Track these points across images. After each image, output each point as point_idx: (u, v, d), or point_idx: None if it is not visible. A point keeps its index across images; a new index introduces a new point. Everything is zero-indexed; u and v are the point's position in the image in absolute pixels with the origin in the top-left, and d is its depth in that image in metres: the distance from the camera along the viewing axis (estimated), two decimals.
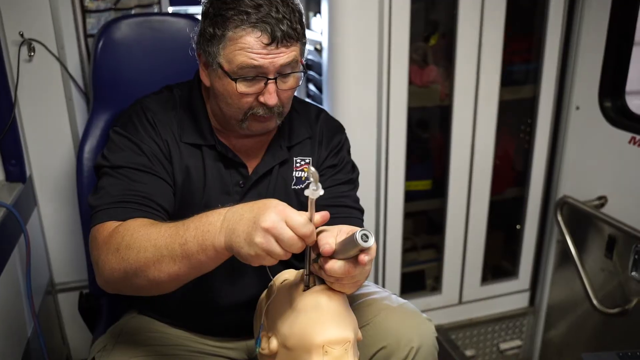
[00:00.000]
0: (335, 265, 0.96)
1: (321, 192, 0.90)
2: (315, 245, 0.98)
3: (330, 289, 1.01)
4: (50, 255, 2.05)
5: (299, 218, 0.92)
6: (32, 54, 1.81)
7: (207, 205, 1.30)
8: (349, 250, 0.93)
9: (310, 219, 0.93)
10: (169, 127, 1.30)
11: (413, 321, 1.31)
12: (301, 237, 0.92)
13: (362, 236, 0.88)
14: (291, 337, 1.00)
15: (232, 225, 0.95)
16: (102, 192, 1.20)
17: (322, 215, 0.96)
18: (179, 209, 1.30)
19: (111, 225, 1.13)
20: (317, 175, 0.90)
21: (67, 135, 1.95)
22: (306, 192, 0.91)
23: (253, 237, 0.91)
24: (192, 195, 1.31)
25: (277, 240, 0.91)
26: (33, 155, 1.92)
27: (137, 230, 1.06)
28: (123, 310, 1.48)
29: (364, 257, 0.92)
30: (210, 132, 1.32)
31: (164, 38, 1.73)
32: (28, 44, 1.80)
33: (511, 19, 2.12)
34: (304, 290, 1.02)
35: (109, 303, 1.65)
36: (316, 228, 0.95)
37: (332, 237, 0.98)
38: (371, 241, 0.89)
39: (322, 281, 1.03)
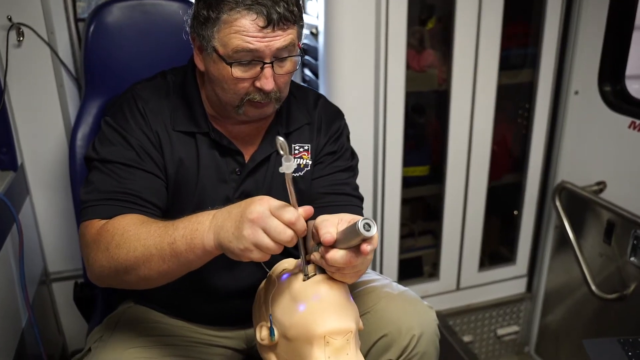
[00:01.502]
0: (336, 255, 0.94)
1: (294, 165, 0.90)
2: (316, 234, 0.96)
3: (331, 278, 0.99)
4: (43, 244, 2.02)
5: (282, 206, 0.92)
6: (21, 38, 1.77)
7: (202, 195, 1.29)
8: (351, 240, 0.90)
9: (292, 200, 0.92)
10: (160, 117, 1.27)
11: (414, 309, 1.29)
12: (288, 225, 0.91)
13: (364, 225, 0.86)
14: (291, 327, 0.99)
15: (221, 223, 0.96)
16: (91, 187, 1.19)
17: (305, 210, 0.95)
18: (173, 200, 1.28)
19: (99, 222, 1.13)
20: (286, 145, 0.88)
21: (59, 122, 1.91)
22: (281, 169, 0.90)
23: (241, 230, 0.91)
24: (186, 185, 1.29)
25: (265, 231, 0.91)
26: (24, 143, 1.88)
27: (126, 229, 1.07)
28: (119, 300, 1.46)
29: (366, 247, 0.90)
30: (205, 119, 1.29)
31: (157, 21, 1.69)
32: (17, 28, 1.75)
33: (509, 2, 2.08)
34: (304, 280, 1.00)
35: (104, 293, 1.63)
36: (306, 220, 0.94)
37: (333, 226, 0.96)
38: (373, 230, 0.87)
39: (322, 270, 1.01)
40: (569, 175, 2.28)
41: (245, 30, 1.11)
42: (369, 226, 0.87)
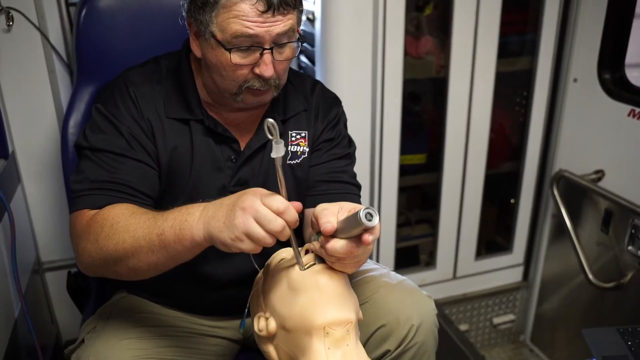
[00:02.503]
0: (337, 245, 0.92)
1: (283, 148, 0.88)
2: (315, 223, 0.94)
3: (331, 268, 0.97)
4: (36, 233, 1.99)
5: (272, 194, 0.91)
6: (11, 23, 1.72)
7: (196, 183, 1.27)
8: (352, 229, 0.88)
9: (282, 188, 0.92)
10: (152, 103, 1.24)
11: (413, 298, 1.28)
12: (277, 213, 0.89)
13: (366, 214, 0.84)
14: (290, 318, 0.97)
15: (212, 213, 0.95)
16: (81, 177, 1.17)
17: (294, 206, 0.93)
18: (166, 188, 1.26)
19: (89, 213, 1.12)
20: (276, 128, 0.86)
21: (51, 110, 1.87)
22: (272, 155, 0.88)
23: (232, 219, 0.90)
24: (180, 174, 1.26)
25: (256, 219, 0.89)
26: (15, 131, 1.85)
27: (116, 220, 1.05)
28: (112, 290, 1.44)
29: (368, 237, 0.88)
30: (199, 105, 1.26)
31: (150, 5, 1.65)
32: (6, 12, 1.71)
33: None
34: (302, 270, 0.98)
35: (98, 282, 1.60)
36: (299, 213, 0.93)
37: (333, 215, 0.94)
38: (375, 220, 0.85)
39: (321, 260, 0.99)
40: (567, 164, 2.26)
41: (245, 14, 1.08)
42: (371, 216, 0.85)
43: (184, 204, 1.24)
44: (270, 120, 0.86)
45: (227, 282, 1.33)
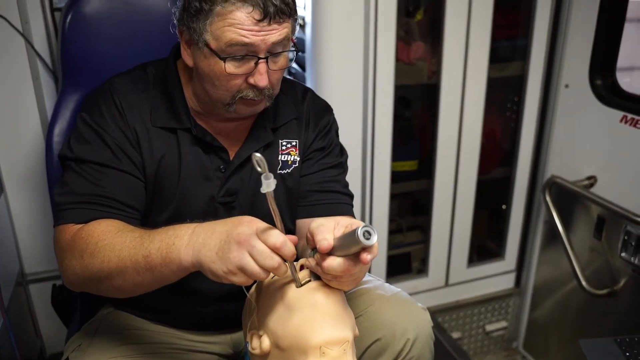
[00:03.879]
0: (334, 263, 0.89)
1: (274, 181, 0.84)
2: (311, 240, 0.91)
3: (327, 285, 0.94)
4: (19, 244, 1.94)
5: (268, 228, 0.88)
6: None
7: (184, 193, 1.23)
8: (349, 248, 0.85)
9: (278, 222, 0.88)
10: (139, 112, 1.20)
11: (408, 311, 1.25)
12: (273, 249, 0.86)
13: (364, 233, 0.81)
14: (285, 337, 0.93)
15: (203, 240, 0.91)
16: (65, 189, 1.14)
17: (290, 239, 0.90)
18: (153, 199, 1.22)
19: (74, 227, 1.09)
20: (264, 162, 0.83)
21: (35, 117, 1.83)
22: (262, 190, 0.84)
23: (227, 252, 0.87)
24: (167, 184, 1.22)
25: (251, 255, 0.86)
26: None
27: (101, 238, 1.02)
28: (98, 304, 1.39)
29: (366, 256, 0.86)
30: (187, 114, 1.22)
31: (138, 11, 1.61)
32: None
33: None
34: (297, 287, 0.95)
35: (83, 296, 1.55)
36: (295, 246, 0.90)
37: (330, 231, 0.91)
38: (374, 239, 0.82)
39: (316, 276, 0.96)
40: (559, 170, 2.25)
41: (240, 23, 1.05)
42: (369, 234, 0.82)
43: (171, 215, 1.22)
44: (258, 154, 0.83)
45: (218, 296, 1.30)
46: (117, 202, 1.12)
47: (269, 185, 0.84)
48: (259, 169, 0.83)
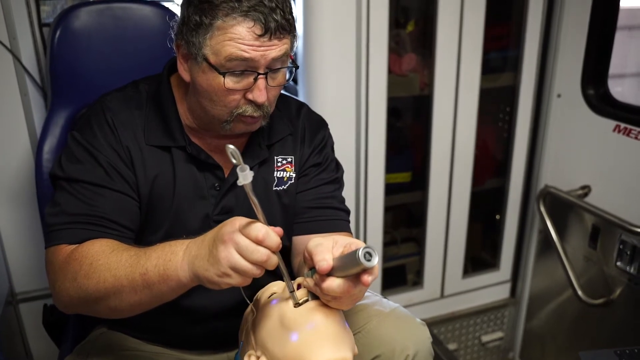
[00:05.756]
0: (333, 284, 0.87)
1: (250, 173, 0.85)
2: (309, 260, 0.89)
3: (325, 304, 0.93)
4: (9, 263, 1.90)
5: (249, 223, 0.88)
6: None
7: (179, 212, 1.21)
8: (350, 268, 0.84)
9: (259, 214, 0.87)
10: (131, 130, 1.18)
11: (407, 327, 1.23)
12: (256, 242, 0.86)
13: (365, 254, 0.79)
14: (283, 358, 0.91)
15: (195, 252, 0.91)
16: (57, 209, 1.12)
17: (275, 231, 0.89)
18: (147, 218, 1.20)
19: (67, 248, 1.07)
20: (238, 153, 0.83)
21: (24, 134, 1.79)
22: (238, 182, 0.85)
23: (216, 254, 0.87)
24: (162, 203, 1.20)
25: (238, 251, 0.86)
26: None
27: (95, 258, 1.01)
28: (91, 324, 1.37)
29: (367, 278, 0.84)
30: (181, 131, 1.21)
31: (127, 26, 1.59)
32: None
33: (490, 4, 2.04)
34: (295, 306, 0.93)
35: (76, 316, 1.52)
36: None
37: (328, 251, 0.89)
38: (375, 260, 0.80)
39: (314, 295, 0.94)
40: (552, 180, 2.25)
41: (241, 38, 1.04)
42: (370, 255, 0.80)
43: (165, 234, 1.20)
44: (232, 146, 0.83)
45: (214, 314, 1.27)
46: (110, 222, 1.10)
47: (245, 177, 0.84)
48: (233, 161, 0.84)
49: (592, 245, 2.07)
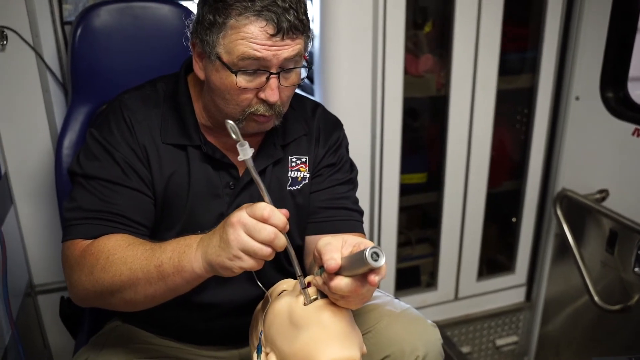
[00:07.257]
0: (341, 283, 0.88)
1: (251, 150, 0.89)
2: (318, 259, 0.90)
3: (334, 303, 0.93)
4: (28, 255, 1.94)
5: (255, 203, 0.90)
6: (5, 42, 1.69)
7: (193, 210, 1.23)
8: (357, 268, 0.85)
9: (263, 193, 0.91)
10: (148, 129, 1.20)
11: (418, 328, 1.24)
12: (264, 221, 0.88)
13: (372, 254, 0.80)
14: (292, 355, 0.93)
15: (207, 242, 0.94)
16: (74, 205, 1.14)
17: (281, 212, 0.92)
18: (162, 216, 1.22)
19: (83, 243, 1.09)
20: (236, 128, 0.88)
21: (45, 130, 1.83)
22: (239, 158, 0.89)
23: (225, 238, 0.89)
24: (177, 201, 1.22)
25: (246, 232, 0.88)
26: (8, 151, 1.80)
27: (112, 252, 1.03)
28: (106, 317, 1.39)
29: (374, 278, 0.85)
30: (197, 130, 1.22)
31: (146, 25, 1.62)
32: (0, 31, 1.68)
33: (508, 4, 2.03)
34: (305, 304, 0.94)
35: (91, 309, 1.55)
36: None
37: (337, 250, 0.90)
38: (382, 260, 0.81)
39: (323, 294, 0.95)
40: (569, 183, 2.23)
41: (253, 37, 1.05)
42: (377, 255, 0.81)
43: (180, 232, 1.22)
44: (231, 122, 0.88)
45: (225, 310, 1.29)
46: (125, 219, 1.13)
47: (244, 152, 0.88)
48: (233, 136, 0.87)
49: (609, 250, 2.05)
